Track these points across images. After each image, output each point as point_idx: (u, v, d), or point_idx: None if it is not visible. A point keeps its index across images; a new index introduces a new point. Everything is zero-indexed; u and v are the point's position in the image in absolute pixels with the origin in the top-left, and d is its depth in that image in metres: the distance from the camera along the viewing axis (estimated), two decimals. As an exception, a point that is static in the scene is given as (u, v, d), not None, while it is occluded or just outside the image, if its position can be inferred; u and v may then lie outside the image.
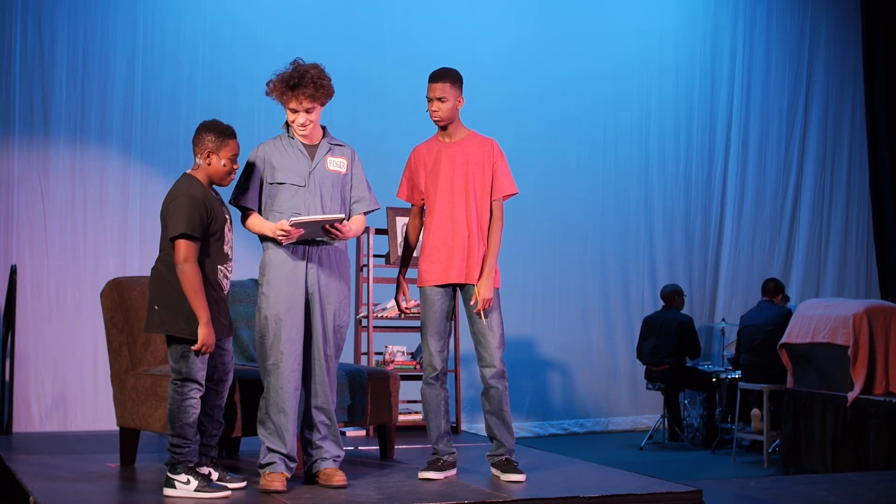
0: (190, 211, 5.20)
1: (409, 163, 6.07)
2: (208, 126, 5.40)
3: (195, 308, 5.18)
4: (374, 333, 8.36)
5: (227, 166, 5.39)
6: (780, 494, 6.66)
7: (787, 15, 12.96)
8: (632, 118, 12.14)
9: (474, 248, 5.89)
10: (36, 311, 9.18)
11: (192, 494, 5.20)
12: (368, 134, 10.36)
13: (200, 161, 5.37)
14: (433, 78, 5.98)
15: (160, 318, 5.28)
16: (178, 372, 5.26)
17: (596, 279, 11.87)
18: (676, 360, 10.71)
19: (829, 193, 13.05)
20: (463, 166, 5.95)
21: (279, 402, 5.48)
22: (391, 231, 8.46)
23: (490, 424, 5.95)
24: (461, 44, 10.85)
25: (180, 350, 5.25)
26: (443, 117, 5.94)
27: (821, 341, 8.90)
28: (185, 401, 5.24)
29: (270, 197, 5.57)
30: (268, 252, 5.58)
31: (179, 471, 5.24)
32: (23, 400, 8.98)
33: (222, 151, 5.36)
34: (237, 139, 5.43)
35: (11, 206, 9.20)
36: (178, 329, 5.22)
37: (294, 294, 5.52)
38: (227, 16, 10.15)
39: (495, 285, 5.93)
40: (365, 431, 8.09)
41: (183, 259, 5.17)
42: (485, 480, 5.83)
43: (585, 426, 11.60)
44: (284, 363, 5.48)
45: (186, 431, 5.24)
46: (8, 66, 9.23)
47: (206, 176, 5.39)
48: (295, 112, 5.56)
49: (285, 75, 5.52)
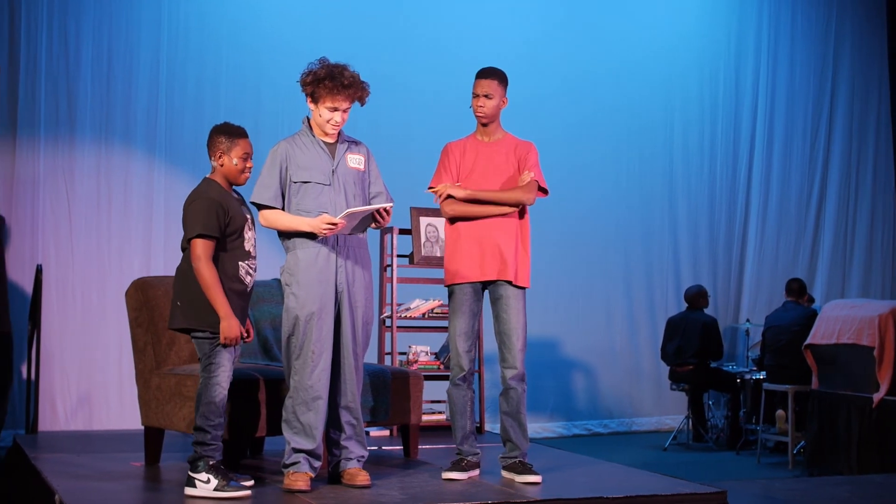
0: (206, 212, 5.29)
1: (445, 158, 6.05)
2: (219, 129, 5.48)
3: (213, 303, 5.25)
4: (397, 333, 8.36)
5: (239, 165, 5.45)
6: (805, 496, 6.64)
7: (812, 11, 12.89)
8: (655, 117, 12.10)
9: (505, 247, 5.89)
10: (61, 310, 9.23)
11: (212, 494, 5.20)
12: (391, 135, 10.38)
13: (215, 163, 5.46)
14: (482, 74, 6.01)
15: (182, 313, 5.35)
16: (208, 357, 5.31)
17: (619, 279, 11.85)
18: (701, 360, 10.68)
19: (853, 194, 12.98)
20: (498, 166, 5.97)
21: (308, 402, 5.48)
22: (415, 231, 8.46)
23: (506, 426, 5.94)
24: (483, 44, 10.82)
25: (207, 344, 5.31)
26: (487, 114, 5.97)
27: (846, 342, 8.85)
28: (212, 378, 5.27)
29: (294, 195, 5.58)
30: (295, 251, 5.58)
31: (200, 469, 5.24)
32: (48, 399, 9.03)
33: (233, 151, 5.43)
34: (248, 138, 5.49)
35: (37, 207, 9.25)
36: (200, 323, 5.29)
37: (325, 293, 5.53)
38: (250, 18, 10.17)
39: (526, 286, 5.94)
40: (388, 431, 8.10)
41: (197, 257, 5.26)
42: (508, 481, 5.82)
43: (609, 427, 11.58)
44: (315, 363, 5.48)
45: (211, 411, 5.24)
46: (34, 68, 9.28)
47: (223, 177, 5.47)
48: (334, 111, 5.57)
49: (335, 72, 5.54)
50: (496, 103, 5.98)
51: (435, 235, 8.45)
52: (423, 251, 8.40)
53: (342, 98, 5.55)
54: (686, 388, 10.81)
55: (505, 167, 5.98)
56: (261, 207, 5.58)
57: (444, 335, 8.59)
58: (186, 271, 5.34)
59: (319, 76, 5.55)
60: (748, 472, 9.25)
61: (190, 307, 5.32)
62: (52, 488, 5.41)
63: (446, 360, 8.30)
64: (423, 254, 8.40)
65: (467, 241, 5.93)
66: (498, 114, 6.04)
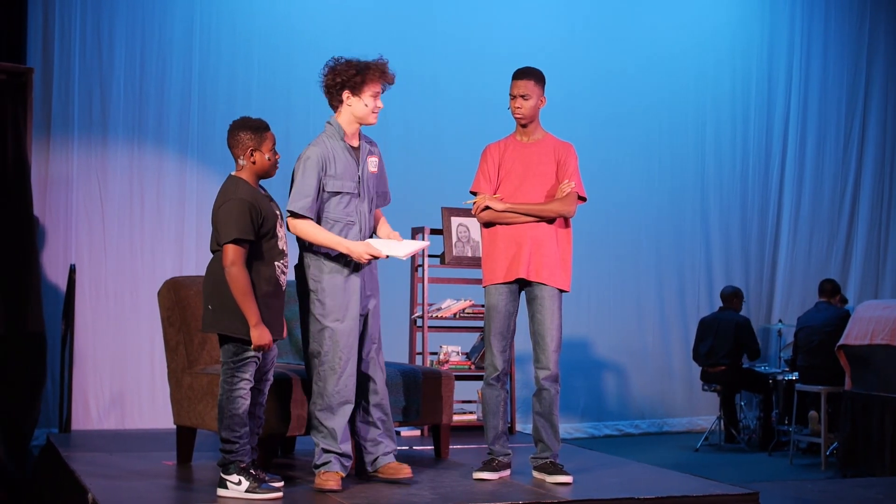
0: (240, 214, 5.23)
1: (484, 162, 6.04)
2: (241, 125, 5.43)
3: (245, 310, 5.20)
4: (428, 333, 8.36)
5: (271, 159, 5.42)
6: (838, 498, 6.62)
7: (845, 7, 12.79)
8: (687, 116, 12.05)
9: (543, 247, 5.89)
10: (94, 309, 9.28)
11: (244, 495, 5.22)
12: (422, 136, 10.40)
13: (244, 161, 5.39)
14: (518, 75, 6.02)
15: (214, 317, 5.32)
16: (230, 366, 5.29)
17: (651, 279, 11.81)
18: (733, 361, 10.63)
19: (888, 194, 12.88)
20: (538, 166, 5.97)
21: (334, 407, 5.49)
22: (446, 231, 8.46)
23: (538, 426, 5.93)
24: (513, 43, 10.82)
25: (233, 349, 5.28)
26: (525, 115, 5.97)
27: (879, 343, 8.81)
28: (234, 391, 5.26)
29: (323, 203, 5.57)
30: (320, 259, 5.57)
31: (231, 471, 5.26)
32: (81, 398, 9.08)
33: (264, 146, 5.39)
34: (271, 129, 5.46)
35: (70, 206, 9.30)
36: (232, 329, 5.26)
37: (352, 300, 5.54)
38: (281, 18, 10.19)
39: (565, 289, 5.94)
40: (419, 431, 8.10)
41: (231, 262, 5.19)
42: (539, 481, 5.81)
43: (640, 427, 11.55)
44: (342, 368, 5.49)
45: (235, 423, 5.25)
46: (67, 68, 9.33)
47: (253, 174, 5.41)
48: (377, 96, 5.61)
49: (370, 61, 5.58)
50: (534, 103, 5.97)
51: (466, 236, 8.44)
52: (454, 251, 8.40)
53: (388, 79, 5.63)
54: (718, 389, 10.77)
55: (545, 168, 5.97)
56: (294, 216, 5.56)
57: (476, 335, 8.59)
58: (218, 274, 5.30)
59: (362, 65, 5.57)
60: (780, 474, 9.20)
61: (221, 312, 5.29)
62: (85, 487, 5.44)
63: (477, 360, 8.30)
64: (455, 254, 8.40)
65: (504, 241, 5.92)
66: (536, 114, 6.03)
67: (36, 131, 8.99)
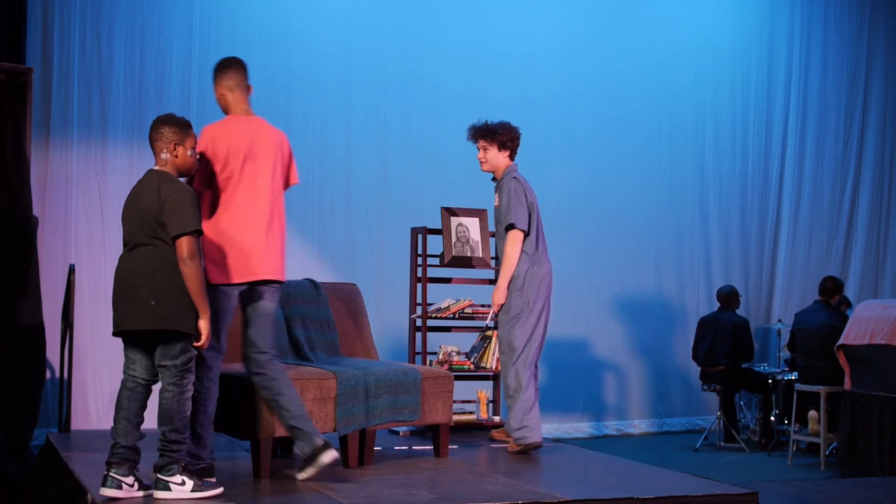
0: (193, 206, 5.14)
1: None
2: (166, 119, 5.30)
3: (198, 304, 5.09)
4: (428, 333, 8.36)
5: (193, 156, 5.32)
6: (837, 497, 6.61)
7: (845, 7, 12.79)
8: (687, 115, 12.05)
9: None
10: (93, 309, 9.27)
11: (190, 495, 5.14)
12: (423, 135, 10.40)
13: (167, 155, 5.23)
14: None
15: (164, 313, 5.08)
16: (179, 367, 5.14)
17: (650, 279, 11.81)
18: (732, 361, 10.63)
19: (887, 193, 12.88)
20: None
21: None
22: (445, 231, 8.44)
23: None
24: (515, 43, 10.83)
25: (182, 347, 5.14)
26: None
27: (879, 343, 8.80)
28: (185, 392, 5.17)
29: None
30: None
31: (174, 472, 5.16)
32: (81, 398, 9.09)
33: (187, 142, 5.28)
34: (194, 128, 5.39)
35: (70, 206, 9.31)
36: (188, 325, 5.11)
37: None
38: (281, 19, 10.19)
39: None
40: (419, 431, 8.09)
41: (191, 255, 5.05)
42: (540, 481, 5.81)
43: (640, 427, 11.55)
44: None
45: (185, 425, 5.18)
46: (67, 68, 9.34)
47: (175, 169, 5.26)
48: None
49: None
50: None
51: (465, 235, 8.44)
52: (453, 251, 8.39)
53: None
54: (717, 389, 10.77)
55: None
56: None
57: (475, 335, 8.59)
58: (160, 267, 5.09)
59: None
60: (780, 474, 9.20)
61: (169, 307, 5.07)
62: (85, 487, 5.45)
63: (477, 359, 8.30)
64: (454, 253, 8.40)
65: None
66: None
67: (35, 131, 8.99)
